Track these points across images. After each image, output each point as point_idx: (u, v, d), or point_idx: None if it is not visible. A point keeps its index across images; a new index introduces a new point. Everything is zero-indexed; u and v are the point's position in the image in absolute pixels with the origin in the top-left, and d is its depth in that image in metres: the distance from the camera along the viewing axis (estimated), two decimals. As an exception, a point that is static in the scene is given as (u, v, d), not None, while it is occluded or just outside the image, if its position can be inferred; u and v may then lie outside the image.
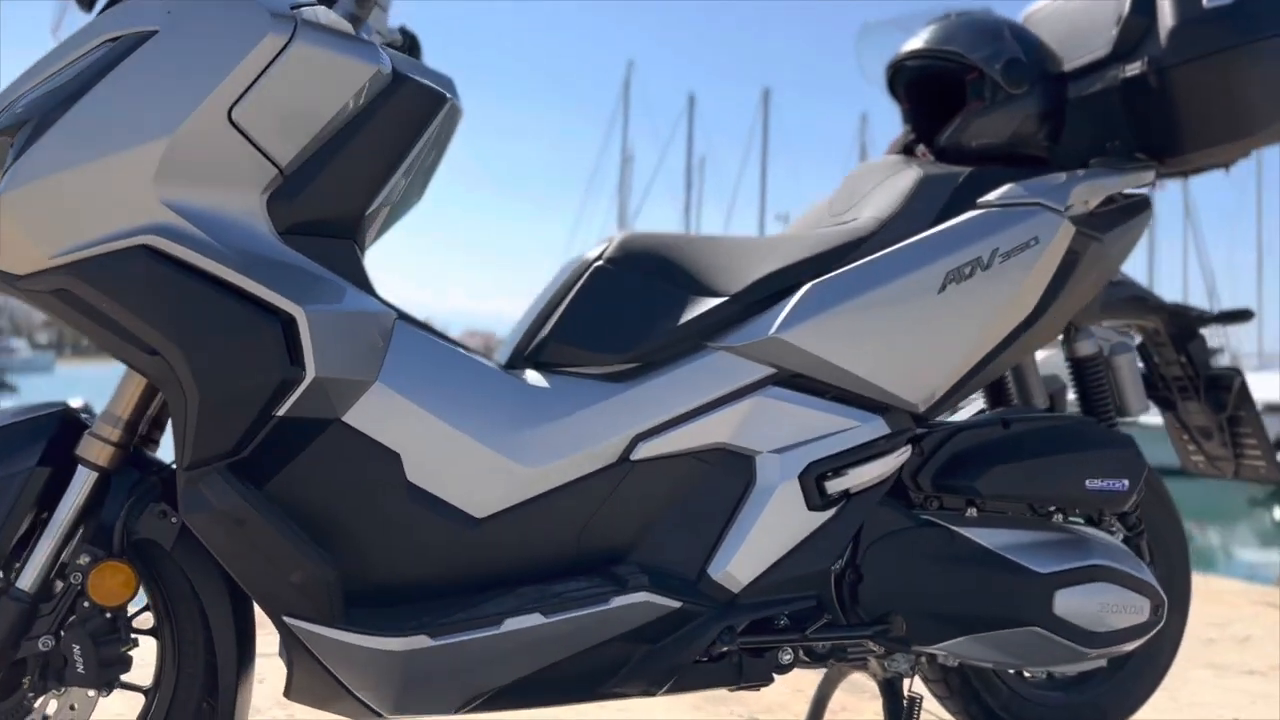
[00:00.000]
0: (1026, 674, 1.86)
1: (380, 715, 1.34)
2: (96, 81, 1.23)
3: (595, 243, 1.62)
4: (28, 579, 1.29)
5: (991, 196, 1.60)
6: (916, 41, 1.78)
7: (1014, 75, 1.70)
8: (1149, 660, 1.88)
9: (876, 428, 1.53)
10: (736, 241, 1.61)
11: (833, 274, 1.52)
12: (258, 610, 1.38)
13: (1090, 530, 1.67)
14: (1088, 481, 1.59)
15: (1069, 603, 1.58)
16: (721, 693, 2.25)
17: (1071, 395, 1.87)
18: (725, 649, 1.45)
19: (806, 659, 1.53)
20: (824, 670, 1.75)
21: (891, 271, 1.52)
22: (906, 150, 1.84)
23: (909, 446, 1.55)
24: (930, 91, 1.82)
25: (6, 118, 1.26)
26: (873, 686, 1.67)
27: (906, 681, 1.64)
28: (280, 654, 1.43)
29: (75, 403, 1.41)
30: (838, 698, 1.92)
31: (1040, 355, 1.87)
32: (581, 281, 1.53)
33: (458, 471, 1.38)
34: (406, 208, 1.59)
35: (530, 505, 1.41)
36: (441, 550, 1.38)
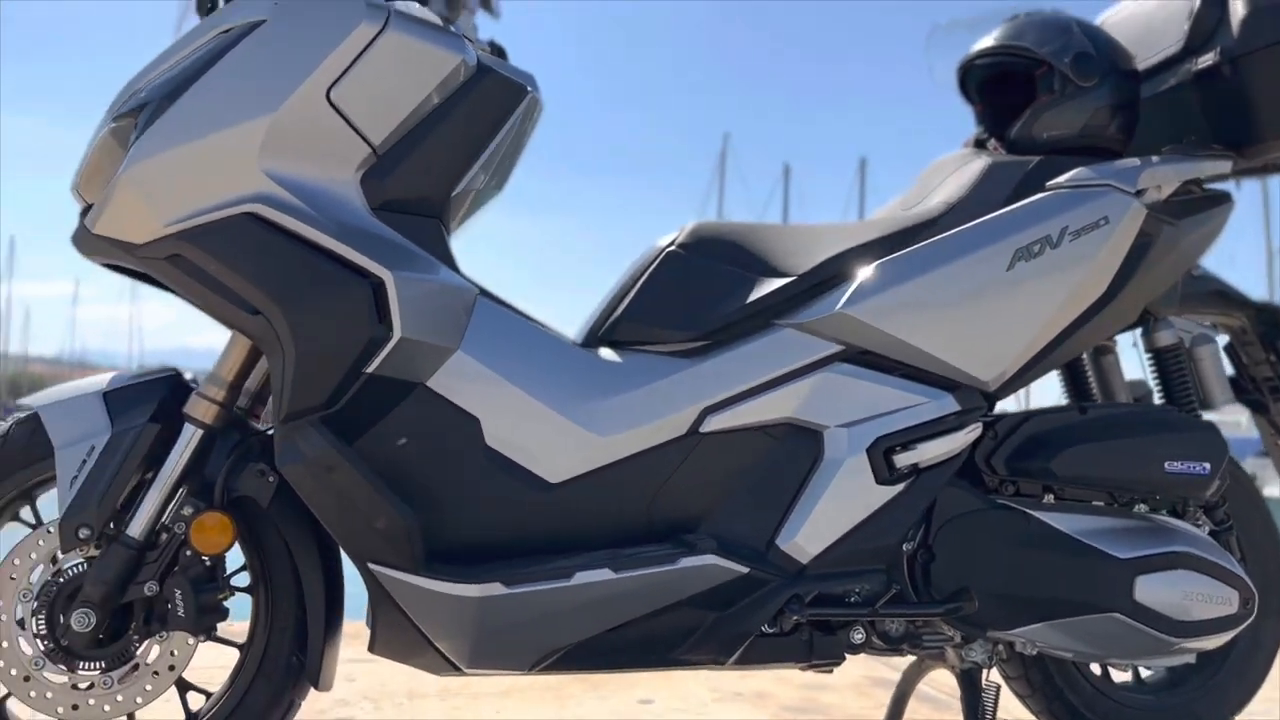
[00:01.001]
0: (1113, 674, 1.81)
1: (458, 668, 1.40)
2: (209, 67, 1.36)
3: None
4: (136, 528, 1.39)
5: (1060, 179, 1.62)
6: (986, 40, 1.81)
7: (1083, 68, 1.72)
8: (1244, 664, 1.81)
9: (946, 404, 1.54)
10: (804, 228, 1.66)
11: (900, 254, 1.55)
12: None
13: (1173, 520, 1.64)
14: (1167, 464, 1.57)
15: (1151, 589, 1.55)
16: (801, 704, 2.24)
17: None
18: (795, 621, 1.46)
19: (879, 641, 1.53)
20: (902, 662, 1.74)
21: (960, 249, 1.54)
22: (979, 145, 1.87)
23: (979, 425, 1.55)
24: (1001, 90, 1.85)
25: (131, 103, 1.40)
26: (954, 703, 1.65)
27: (984, 673, 1.62)
28: (367, 620, 1.50)
29: (186, 374, 1.53)
30: (917, 708, 1.90)
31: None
32: (654, 265, 1.59)
33: (534, 438, 1.44)
34: (487, 198, 1.68)
35: (602, 472, 1.46)
36: (516, 512, 1.43)
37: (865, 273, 1.53)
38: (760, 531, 1.48)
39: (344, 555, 1.48)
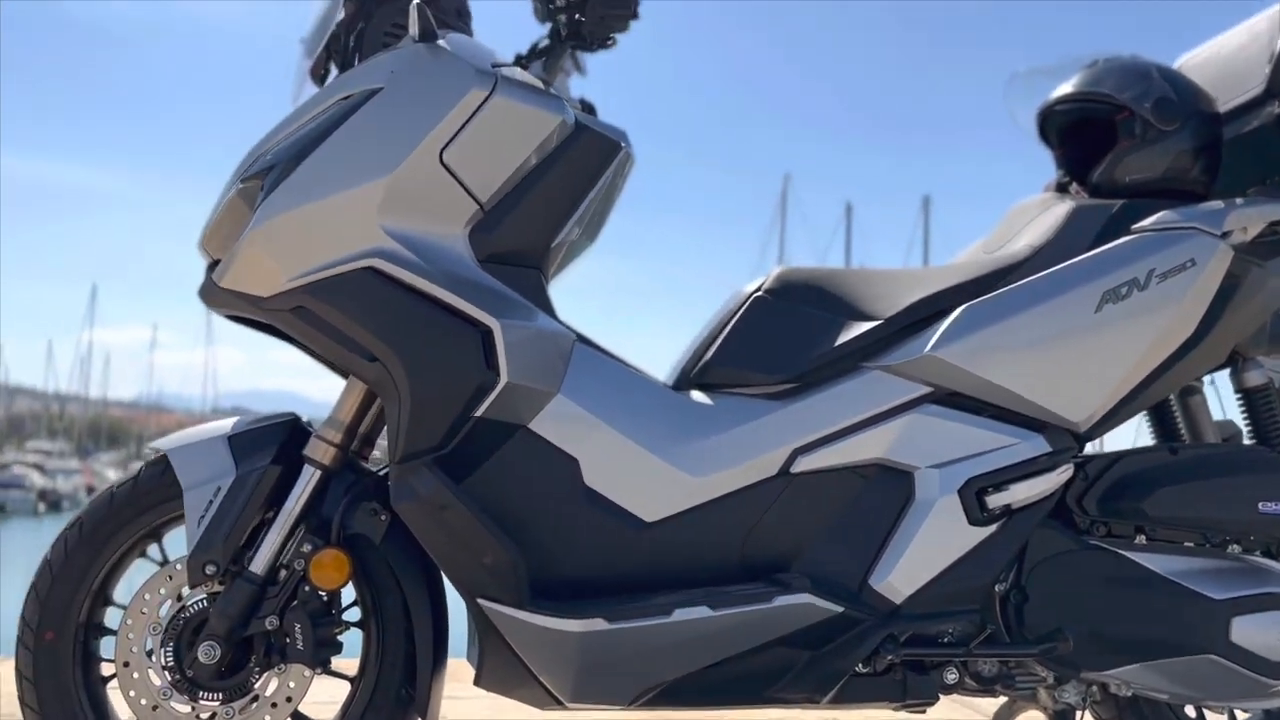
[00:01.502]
0: (1209, 716, 1.79)
1: (560, 702, 1.44)
2: (331, 132, 1.46)
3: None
4: (259, 564, 1.47)
5: (1146, 222, 1.64)
6: (1066, 87, 1.85)
7: (1165, 112, 1.74)
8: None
9: (1037, 445, 1.56)
10: (891, 273, 1.70)
11: (987, 297, 1.58)
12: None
13: (1267, 560, 1.63)
14: (1260, 504, 1.57)
15: (1247, 630, 1.54)
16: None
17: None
18: (889, 661, 1.49)
19: (972, 682, 1.55)
20: (996, 702, 1.75)
21: (1047, 292, 1.57)
22: (1060, 189, 1.89)
23: (1071, 465, 1.57)
24: (1081, 135, 1.88)
25: (258, 165, 1.50)
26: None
27: (1078, 715, 1.62)
28: (468, 655, 1.55)
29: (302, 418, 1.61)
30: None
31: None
32: (742, 310, 1.65)
33: (630, 478, 1.50)
34: (582, 248, 1.75)
35: (696, 512, 1.51)
36: (614, 550, 1.49)
37: (953, 316, 1.57)
38: (853, 571, 1.51)
39: (449, 592, 1.54)
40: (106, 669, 1.53)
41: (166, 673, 1.47)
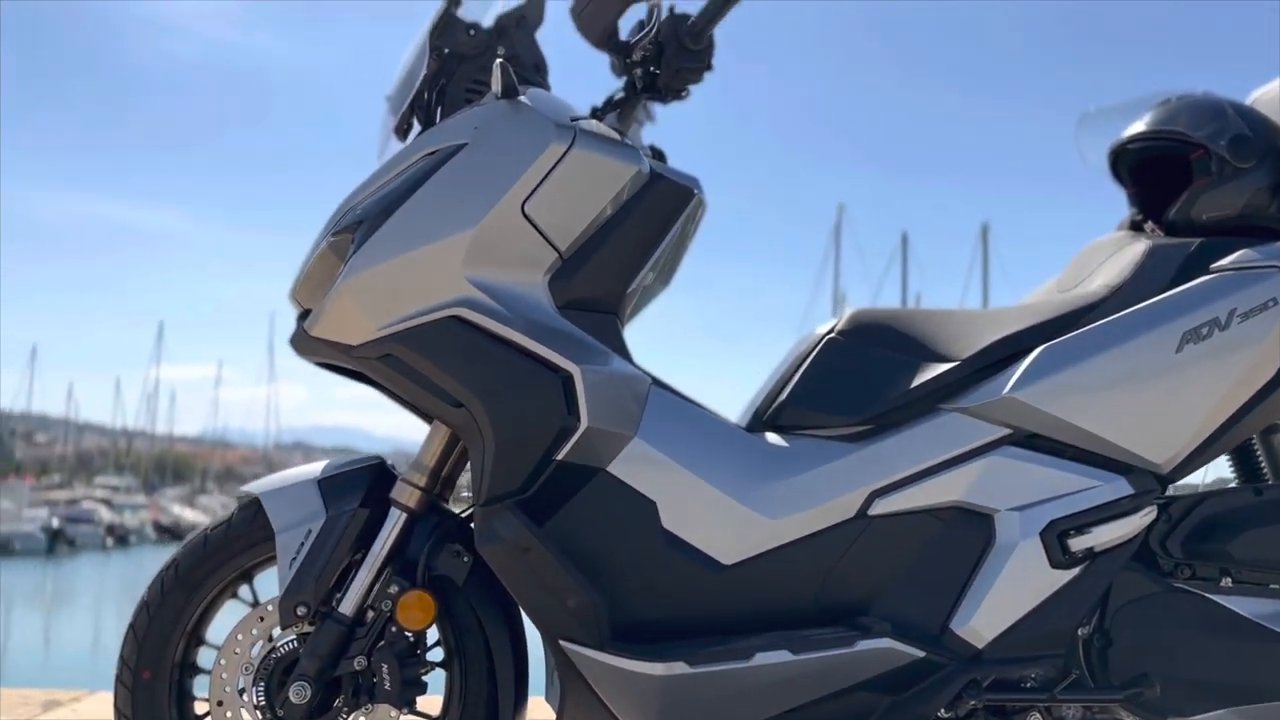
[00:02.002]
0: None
1: (642, 747, 1.45)
2: (418, 187, 1.51)
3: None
4: (347, 606, 1.51)
5: (1225, 261, 1.63)
6: (1139, 125, 1.84)
7: (1241, 150, 1.73)
8: None
9: (1119, 487, 1.55)
10: (965, 313, 1.70)
11: (1066, 337, 1.58)
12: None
13: (1361, 604, 1.60)
14: None
15: (1342, 675, 1.51)
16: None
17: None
18: (971, 705, 1.48)
19: (1055, 725, 1.53)
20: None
21: (1127, 332, 1.56)
22: (1134, 228, 1.88)
23: (1154, 507, 1.55)
24: (1155, 174, 1.87)
25: (348, 220, 1.55)
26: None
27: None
28: (547, 696, 1.58)
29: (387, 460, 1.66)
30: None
31: None
32: (815, 352, 1.66)
33: (707, 520, 1.51)
34: (655, 293, 1.78)
35: (773, 554, 1.52)
36: (692, 592, 1.50)
37: (1032, 356, 1.57)
38: (934, 615, 1.51)
39: (529, 631, 1.57)
40: (200, 707, 1.58)
41: (259, 711, 1.51)
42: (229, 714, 1.52)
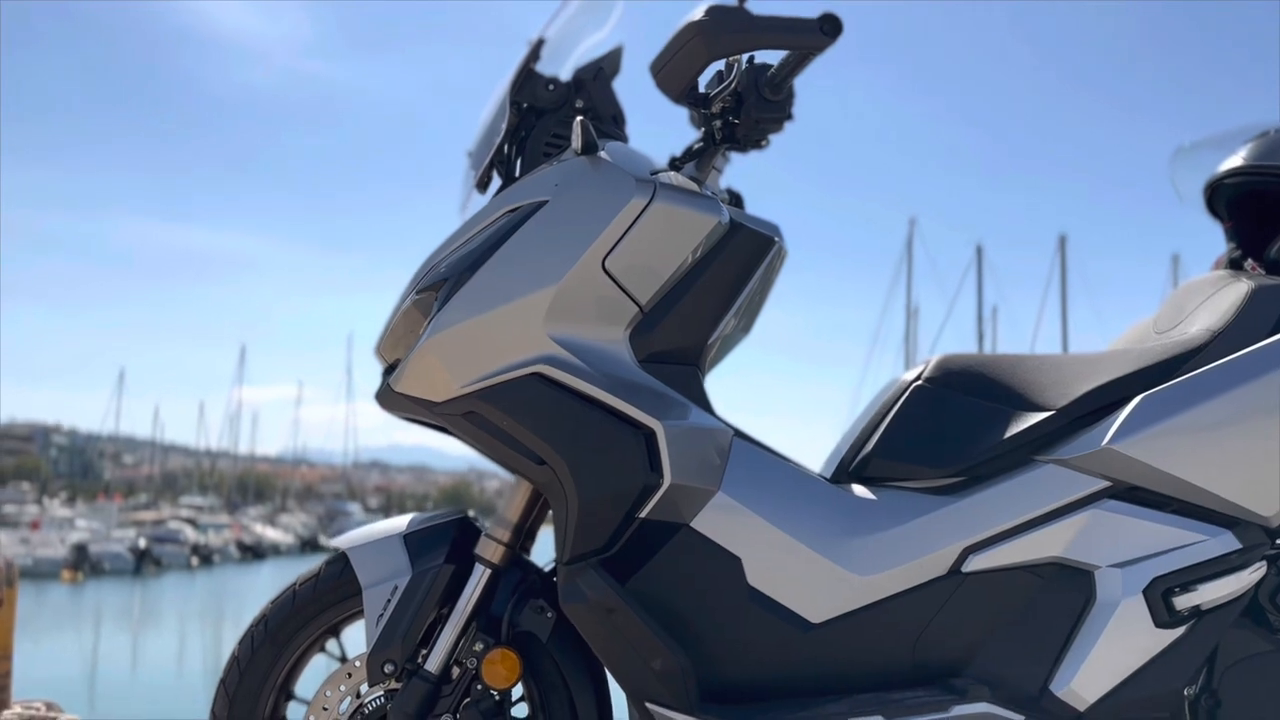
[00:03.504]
0: None
1: (731, 809, 1.43)
2: (501, 244, 1.51)
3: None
4: (433, 663, 1.51)
5: (1334, 304, 1.55)
6: (1235, 159, 1.78)
7: (1348, 184, 1.66)
8: None
9: (1226, 542, 1.48)
10: (1056, 359, 1.65)
11: (1166, 385, 1.52)
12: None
13: None
14: None
15: None
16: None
17: None
18: (1073, 770, 1.42)
19: (1163, 790, 1.47)
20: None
21: (1231, 379, 1.50)
22: (1233, 265, 1.82)
23: (1264, 562, 1.48)
24: (1254, 209, 1.80)
25: (431, 278, 1.56)
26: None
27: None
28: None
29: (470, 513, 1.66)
30: None
31: None
32: (902, 400, 1.62)
33: (794, 577, 1.48)
34: (736, 341, 1.76)
35: (864, 613, 1.48)
36: (780, 651, 1.47)
37: (1131, 406, 1.51)
38: (1033, 677, 1.46)
39: (613, 687, 1.55)
40: (290, 762, 1.59)
41: (348, 768, 1.52)
42: (318, 770, 1.53)
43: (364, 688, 1.54)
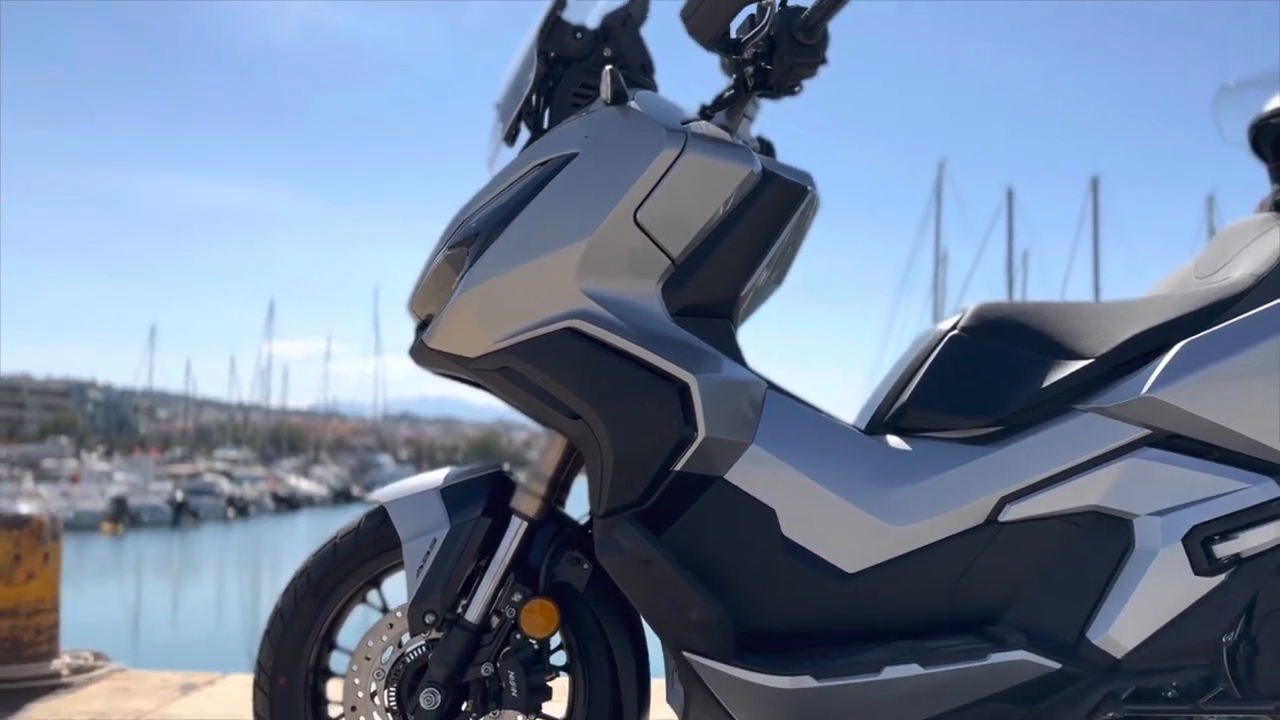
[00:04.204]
0: None
1: (767, 754, 1.44)
2: (531, 198, 1.50)
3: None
4: (473, 613, 1.53)
5: (1383, 246, 1.52)
6: (1281, 98, 1.73)
7: (1399, 122, 1.61)
8: None
9: (1267, 489, 1.46)
10: (1095, 306, 1.63)
11: (1209, 331, 1.50)
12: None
13: None
14: None
15: None
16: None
17: None
18: (1109, 717, 1.43)
19: (1198, 735, 1.47)
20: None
21: (1274, 326, 1.47)
22: (1277, 208, 1.77)
23: (1306, 510, 1.47)
24: (1301, 148, 1.76)
25: (462, 233, 1.56)
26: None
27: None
28: (669, 700, 1.58)
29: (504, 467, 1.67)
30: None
31: None
32: (938, 350, 1.60)
33: (829, 528, 1.49)
34: (768, 292, 1.75)
35: (899, 562, 1.48)
36: (814, 601, 1.48)
37: (1172, 353, 1.49)
38: (1069, 624, 1.46)
39: (649, 635, 1.57)
40: (334, 710, 1.62)
41: (390, 715, 1.55)
42: (362, 718, 1.56)
43: (405, 638, 1.57)
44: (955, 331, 1.62)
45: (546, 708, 1.58)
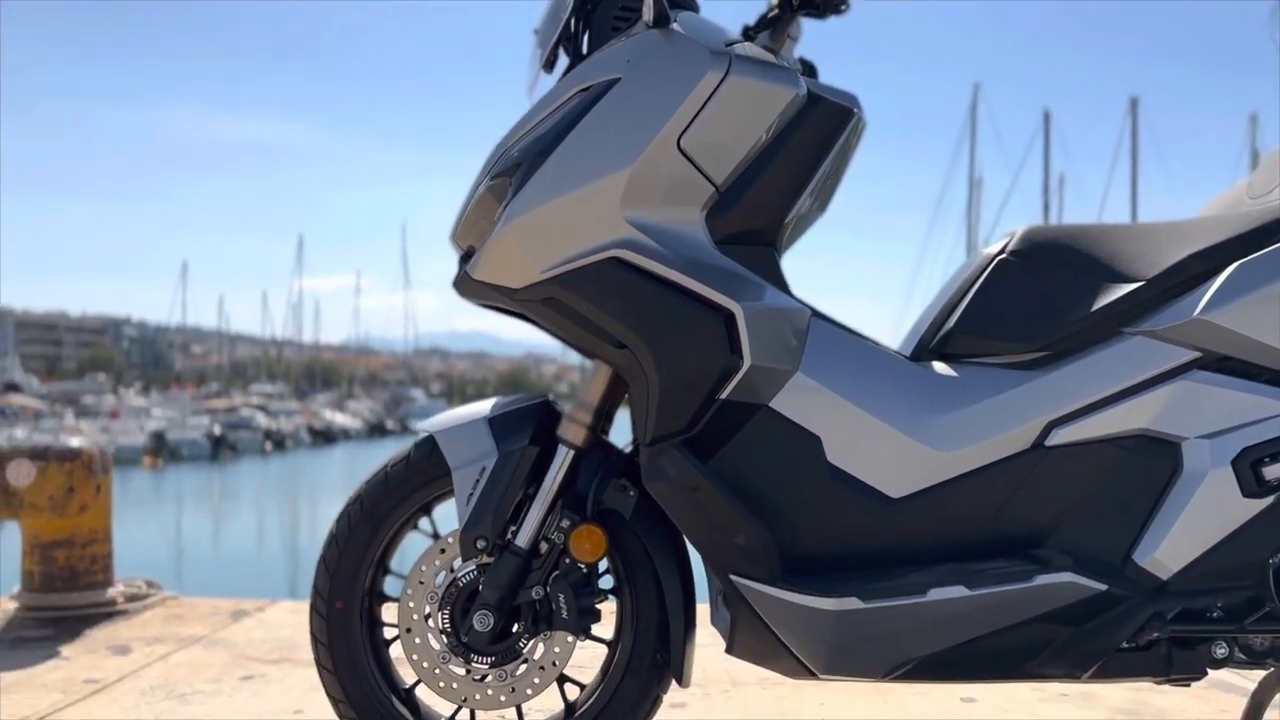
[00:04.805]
0: None
1: (814, 674, 1.47)
2: (573, 126, 1.49)
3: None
4: (523, 538, 1.56)
5: None
6: (1344, 9, 1.67)
7: None
8: None
9: None
10: (1146, 227, 1.60)
11: (1263, 252, 1.47)
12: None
13: None
14: None
15: None
16: (1132, 706, 2.16)
17: None
18: (1154, 637, 1.44)
19: (1242, 655, 1.48)
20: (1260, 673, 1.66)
21: None
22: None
23: (1358, 432, 1.45)
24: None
25: (504, 163, 1.55)
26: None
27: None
28: (714, 623, 1.60)
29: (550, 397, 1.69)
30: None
31: None
32: (986, 274, 1.59)
33: (874, 454, 1.49)
34: (812, 219, 1.73)
35: (945, 487, 1.49)
36: (860, 526, 1.49)
37: (1225, 275, 1.47)
38: (1116, 547, 1.46)
39: (694, 558, 1.59)
40: (389, 632, 1.67)
41: (444, 636, 1.59)
42: (417, 640, 1.60)
43: (457, 563, 1.60)
44: (1004, 255, 1.60)
45: (595, 629, 1.61)
